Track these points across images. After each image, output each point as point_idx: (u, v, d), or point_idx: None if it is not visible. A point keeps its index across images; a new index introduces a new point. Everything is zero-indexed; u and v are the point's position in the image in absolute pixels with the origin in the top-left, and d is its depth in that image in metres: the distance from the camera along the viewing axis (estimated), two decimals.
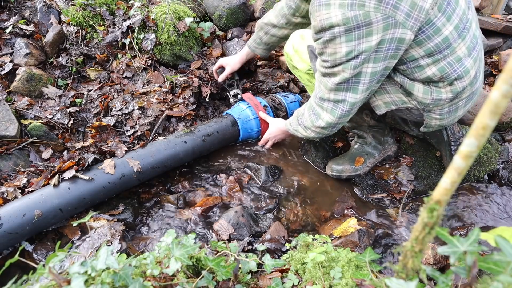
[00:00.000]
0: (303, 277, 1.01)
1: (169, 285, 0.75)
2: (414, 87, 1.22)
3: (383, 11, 0.98)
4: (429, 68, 1.15)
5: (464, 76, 1.16)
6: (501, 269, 0.50)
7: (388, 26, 1.00)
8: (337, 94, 1.19)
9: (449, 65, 1.13)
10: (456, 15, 1.07)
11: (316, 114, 1.30)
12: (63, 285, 0.66)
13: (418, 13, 1.00)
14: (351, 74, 1.11)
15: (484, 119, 0.40)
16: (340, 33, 1.02)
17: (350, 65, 1.09)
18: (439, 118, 1.31)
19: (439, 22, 1.05)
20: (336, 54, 1.08)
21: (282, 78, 2.35)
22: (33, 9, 2.14)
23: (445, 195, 0.50)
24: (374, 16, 0.98)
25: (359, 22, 0.99)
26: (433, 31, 1.06)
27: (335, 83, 1.16)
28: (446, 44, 1.10)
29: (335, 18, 1.00)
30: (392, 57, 1.11)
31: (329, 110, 1.25)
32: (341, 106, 1.22)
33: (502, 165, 1.81)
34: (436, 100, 1.22)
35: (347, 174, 1.69)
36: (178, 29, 2.10)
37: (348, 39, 1.03)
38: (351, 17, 0.99)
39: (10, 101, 1.81)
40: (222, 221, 1.42)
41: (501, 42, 2.32)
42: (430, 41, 1.08)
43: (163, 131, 1.91)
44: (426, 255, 1.23)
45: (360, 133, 1.72)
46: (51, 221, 1.37)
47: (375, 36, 1.02)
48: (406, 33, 1.03)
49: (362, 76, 1.13)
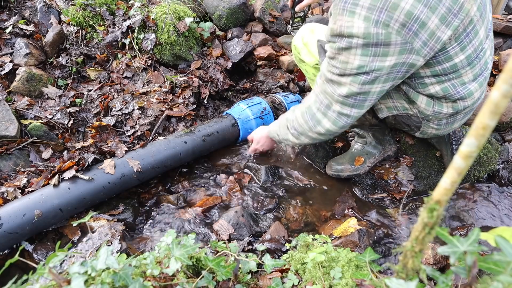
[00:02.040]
0: (303, 277, 1.01)
1: (169, 285, 0.75)
2: (418, 97, 1.22)
3: (404, 36, 0.97)
4: (433, 86, 1.16)
5: (467, 98, 1.17)
6: (501, 269, 0.50)
7: (404, 51, 1.00)
8: (343, 107, 1.18)
9: (452, 87, 1.14)
10: (471, 46, 1.06)
11: (316, 120, 1.28)
12: (63, 285, 0.66)
13: (434, 43, 1.00)
14: (359, 89, 1.10)
15: (484, 119, 0.40)
16: (358, 45, 1.01)
17: (360, 80, 1.07)
18: (435, 128, 1.33)
19: (453, 51, 1.05)
20: (348, 64, 1.06)
21: (282, 78, 2.34)
22: (33, 9, 2.14)
23: (445, 195, 0.50)
24: (394, 38, 0.97)
25: (379, 41, 0.98)
26: (444, 58, 1.06)
27: (342, 95, 1.14)
28: (454, 70, 1.10)
29: (357, 29, 0.98)
30: (400, 78, 1.12)
31: (332, 120, 1.23)
32: (345, 119, 1.21)
33: (502, 165, 1.81)
34: (436, 113, 1.24)
35: (347, 173, 1.69)
36: (178, 29, 2.10)
37: (363, 53, 1.02)
38: (373, 34, 0.97)
39: (10, 101, 1.81)
40: (222, 221, 1.42)
41: (501, 42, 2.32)
42: (439, 65, 1.09)
43: (163, 131, 1.91)
44: (426, 255, 1.23)
45: (360, 132, 1.72)
46: (51, 221, 1.37)
47: (389, 58, 1.01)
48: (419, 59, 1.04)
49: (370, 95, 1.13)
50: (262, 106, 1.95)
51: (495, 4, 2.84)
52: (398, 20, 0.94)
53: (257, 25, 2.48)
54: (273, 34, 2.51)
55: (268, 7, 2.45)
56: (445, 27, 0.97)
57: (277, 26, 2.48)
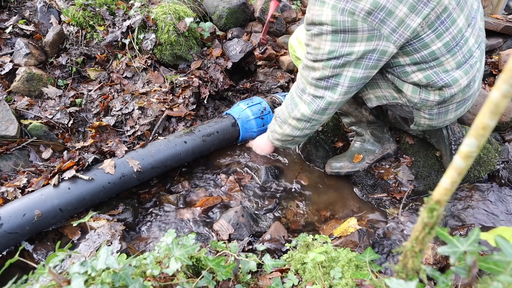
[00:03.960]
0: (303, 277, 1.01)
1: (169, 285, 0.75)
2: (404, 85, 1.25)
3: (370, 23, 1.03)
4: (415, 74, 1.19)
5: (452, 85, 1.18)
6: (501, 269, 0.50)
7: (373, 38, 1.06)
8: (316, 90, 1.23)
9: (435, 74, 1.17)
10: (448, 33, 1.10)
11: (294, 104, 1.33)
12: (63, 285, 0.66)
13: (403, 30, 1.05)
14: (331, 73, 1.16)
15: (484, 119, 0.40)
16: (327, 32, 1.08)
17: (330, 64, 1.13)
18: (428, 118, 1.34)
19: (428, 38, 1.09)
20: (320, 49, 1.13)
21: (282, 78, 2.35)
22: (33, 9, 2.14)
23: (445, 195, 0.50)
24: (360, 25, 1.03)
25: (345, 28, 1.04)
26: (420, 45, 1.10)
27: (315, 78, 1.20)
28: (433, 57, 1.13)
29: (325, 16, 1.05)
30: (373, 67, 1.15)
31: (306, 103, 1.28)
32: (318, 102, 1.25)
33: (502, 165, 1.81)
34: (423, 100, 1.25)
35: (346, 170, 1.70)
36: (178, 29, 2.10)
37: (333, 39, 1.08)
38: (339, 21, 1.04)
39: (10, 101, 1.81)
40: (222, 221, 1.42)
41: (501, 42, 2.32)
42: (417, 53, 1.13)
43: (163, 131, 1.91)
44: (426, 255, 1.23)
45: (358, 130, 1.73)
46: (51, 221, 1.37)
47: (358, 43, 1.07)
48: (389, 46, 1.08)
49: (341, 79, 1.17)
50: (262, 106, 1.96)
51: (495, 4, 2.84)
52: (364, 8, 1.00)
53: (257, 25, 2.48)
54: (273, 34, 2.51)
55: (268, 7, 2.45)
56: (414, 15, 1.02)
57: (277, 26, 2.48)
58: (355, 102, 1.61)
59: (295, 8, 2.73)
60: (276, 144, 1.51)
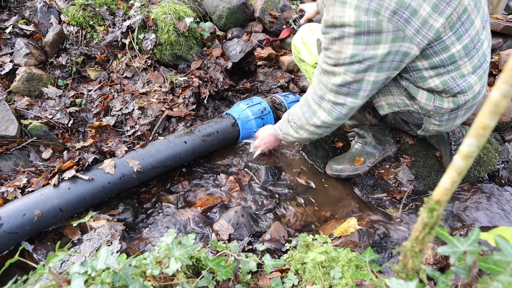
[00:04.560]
0: (303, 277, 1.01)
1: (169, 285, 0.75)
2: (419, 93, 1.22)
3: (396, 24, 0.98)
4: (432, 80, 1.16)
5: (467, 91, 1.17)
6: (501, 269, 0.50)
7: (397, 39, 1.01)
8: (337, 96, 1.19)
9: (452, 80, 1.14)
10: (467, 35, 1.07)
11: (312, 111, 1.29)
12: (63, 285, 0.66)
13: (427, 31, 1.01)
14: (353, 78, 1.11)
15: (484, 119, 0.40)
16: (350, 34, 1.02)
17: (353, 69, 1.08)
18: (437, 124, 1.32)
19: (449, 40, 1.05)
20: (341, 53, 1.07)
21: (282, 78, 2.34)
22: (33, 9, 2.14)
23: (445, 195, 0.50)
24: (386, 26, 0.98)
25: (370, 29, 0.99)
26: (440, 48, 1.07)
27: (336, 84, 1.15)
28: (451, 61, 1.10)
29: (348, 18, 1.00)
30: (395, 69, 1.11)
31: (326, 110, 1.24)
32: (339, 109, 1.21)
33: (502, 165, 1.81)
34: (437, 108, 1.23)
35: (346, 173, 1.69)
36: (178, 29, 2.10)
37: (356, 42, 1.03)
38: (364, 22, 0.98)
39: (10, 101, 1.81)
40: (222, 221, 1.42)
41: (501, 42, 2.32)
42: (436, 56, 1.09)
43: (163, 131, 1.91)
44: (426, 255, 1.23)
45: (360, 132, 1.72)
46: (51, 221, 1.37)
47: (382, 45, 1.02)
48: (412, 48, 1.04)
49: (364, 84, 1.13)
50: (262, 106, 1.96)
51: (495, 4, 2.84)
52: (389, 7, 0.95)
53: (257, 25, 2.48)
54: (273, 34, 2.51)
55: (268, 7, 2.45)
56: (437, 15, 0.99)
57: (277, 26, 2.48)
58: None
59: (295, 8, 2.73)
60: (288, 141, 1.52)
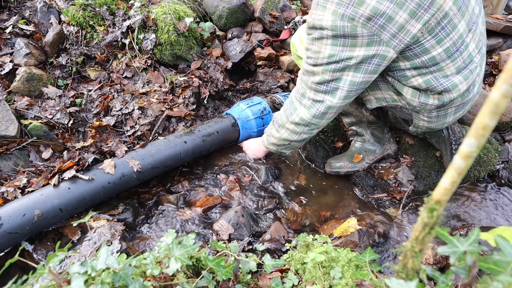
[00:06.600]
0: (303, 277, 1.01)
1: (169, 285, 0.75)
2: (404, 88, 1.26)
3: (370, 29, 1.03)
4: (415, 79, 1.19)
5: (451, 90, 1.19)
6: (501, 269, 0.50)
7: (372, 43, 1.06)
8: (316, 94, 1.24)
9: (435, 79, 1.17)
10: (449, 39, 1.10)
11: (293, 108, 1.33)
12: (63, 285, 0.66)
13: (403, 36, 1.05)
14: (331, 77, 1.16)
15: (484, 119, 0.40)
16: (328, 36, 1.09)
17: (330, 68, 1.14)
18: (427, 120, 1.34)
19: (428, 44, 1.09)
20: (320, 53, 1.13)
21: (282, 78, 2.35)
22: (33, 9, 2.14)
23: (445, 195, 0.50)
24: (360, 31, 1.04)
25: (345, 33, 1.05)
26: (420, 50, 1.11)
27: (315, 82, 1.20)
28: (433, 62, 1.13)
29: (326, 21, 1.06)
30: (372, 72, 1.15)
31: (306, 107, 1.28)
32: (318, 106, 1.25)
33: (502, 165, 1.81)
34: (423, 104, 1.26)
35: (345, 169, 1.71)
36: (178, 29, 2.10)
37: (333, 43, 1.09)
38: (339, 26, 1.05)
39: (10, 101, 1.81)
40: (222, 221, 1.42)
41: (501, 42, 2.32)
42: (417, 58, 1.13)
43: (163, 131, 1.91)
44: (426, 255, 1.23)
45: (359, 130, 1.73)
46: (51, 221, 1.37)
47: (358, 48, 1.08)
48: (389, 51, 1.09)
49: (341, 83, 1.17)
50: (262, 106, 1.96)
51: (495, 4, 2.84)
52: (364, 14, 1.01)
53: (257, 25, 2.48)
54: (273, 34, 2.51)
55: (268, 7, 2.45)
56: (414, 21, 1.03)
57: (277, 26, 2.48)
58: (356, 103, 1.61)
59: (295, 8, 2.73)
60: (271, 149, 1.51)
